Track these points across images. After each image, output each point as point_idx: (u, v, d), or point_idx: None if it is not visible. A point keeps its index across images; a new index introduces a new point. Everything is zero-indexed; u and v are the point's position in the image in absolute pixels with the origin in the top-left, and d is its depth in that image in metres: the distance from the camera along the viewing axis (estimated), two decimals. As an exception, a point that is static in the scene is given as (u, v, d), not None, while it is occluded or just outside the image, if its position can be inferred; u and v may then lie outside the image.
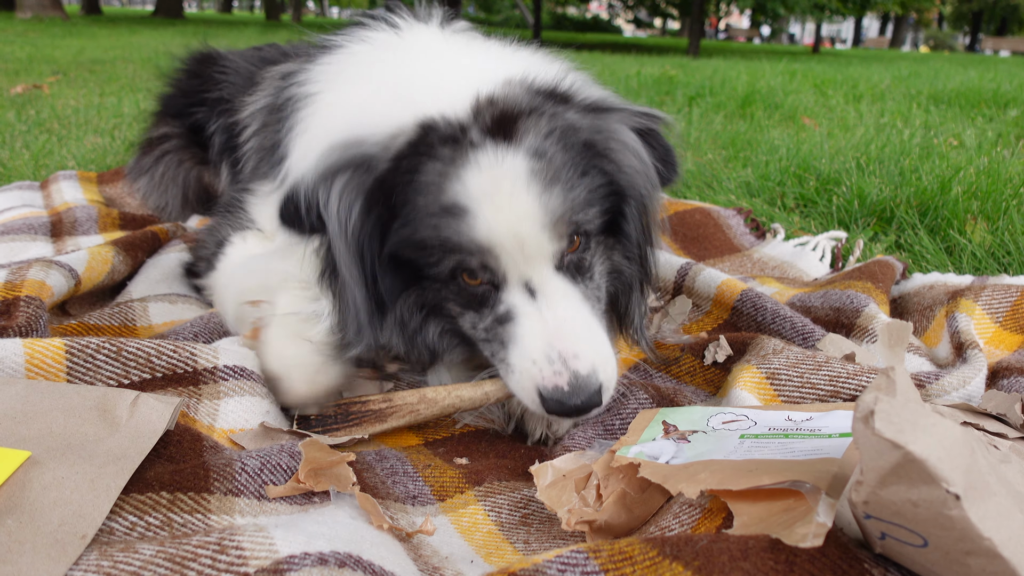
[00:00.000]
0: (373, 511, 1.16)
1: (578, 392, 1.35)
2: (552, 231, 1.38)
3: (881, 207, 2.99)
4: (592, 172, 1.42)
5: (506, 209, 1.35)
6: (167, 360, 1.40)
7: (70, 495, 1.01)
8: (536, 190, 1.35)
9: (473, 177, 1.35)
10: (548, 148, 1.38)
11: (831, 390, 1.46)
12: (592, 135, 1.44)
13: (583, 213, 1.41)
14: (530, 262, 1.40)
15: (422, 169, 1.38)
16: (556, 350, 1.37)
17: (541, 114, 1.42)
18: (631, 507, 1.26)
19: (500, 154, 1.36)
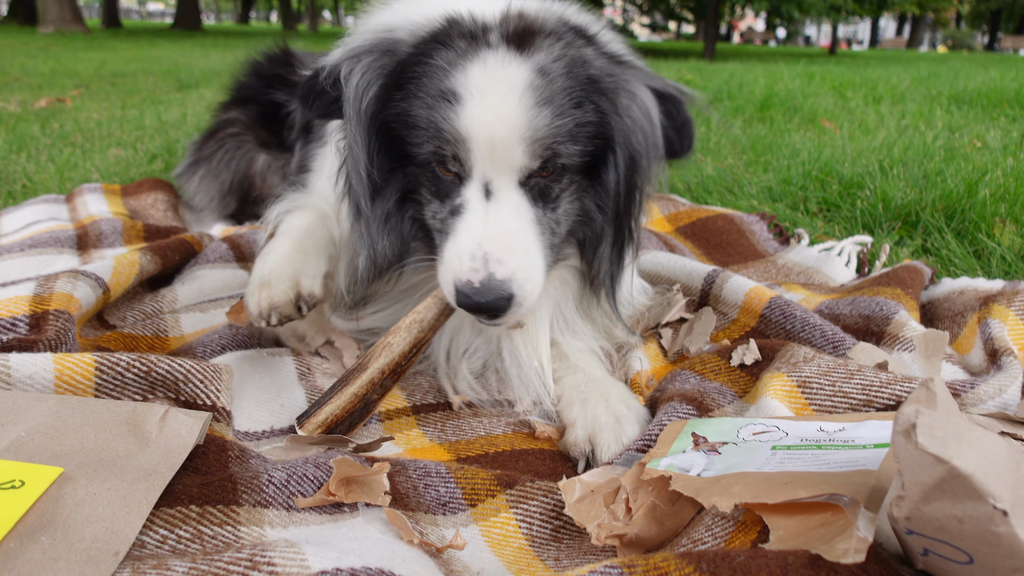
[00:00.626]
0: (403, 526, 1.15)
1: (486, 292, 1.38)
2: (527, 147, 1.43)
3: (906, 211, 2.95)
4: (586, 107, 1.46)
5: (492, 109, 1.40)
6: (193, 388, 1.40)
7: (103, 511, 1.01)
8: (527, 103, 1.41)
9: (476, 71, 1.42)
10: (553, 70, 1.44)
11: (864, 399, 1.44)
12: (602, 75, 1.48)
13: (564, 145, 1.45)
14: (496, 167, 1.44)
15: (436, 55, 1.46)
16: (483, 250, 1.41)
17: (559, 38, 1.48)
18: (661, 520, 1.24)
19: (508, 59, 1.43)
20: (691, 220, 2.78)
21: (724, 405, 1.57)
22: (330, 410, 1.49)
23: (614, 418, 1.50)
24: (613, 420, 1.50)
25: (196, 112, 5.75)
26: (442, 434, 1.59)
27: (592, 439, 1.47)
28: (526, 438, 1.59)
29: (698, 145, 1.66)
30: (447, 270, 1.46)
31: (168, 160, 3.95)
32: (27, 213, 2.80)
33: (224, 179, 2.79)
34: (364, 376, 1.52)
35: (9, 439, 1.13)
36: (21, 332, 1.52)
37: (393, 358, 1.54)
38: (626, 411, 1.54)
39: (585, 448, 1.46)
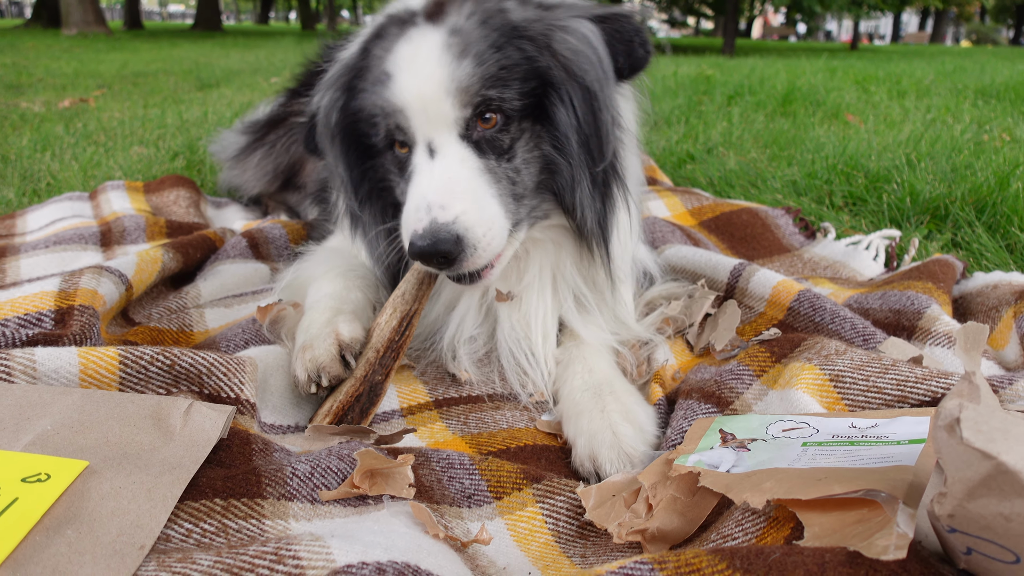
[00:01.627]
0: (428, 520, 1.14)
1: (429, 235, 1.39)
2: (456, 98, 1.47)
3: (934, 204, 2.90)
4: (508, 49, 1.49)
5: (416, 74, 1.48)
6: (216, 382, 1.39)
7: (128, 505, 1.00)
8: (446, 60, 1.46)
9: (402, 48, 1.51)
10: (466, 26, 1.50)
11: (898, 395, 1.40)
12: (526, 22, 1.52)
13: (496, 89, 1.48)
14: (433, 125, 1.49)
15: (374, 50, 1.57)
16: (427, 201, 1.44)
17: (467, 3, 1.54)
18: (683, 512, 1.22)
19: (425, 29, 1.51)
20: (715, 214, 2.74)
21: (743, 392, 1.53)
22: (341, 399, 1.50)
23: (612, 433, 1.45)
24: (611, 436, 1.45)
25: (217, 110, 5.78)
26: (464, 427, 1.58)
27: (593, 459, 1.43)
28: (548, 434, 1.57)
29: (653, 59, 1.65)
30: (404, 230, 1.49)
31: (190, 158, 3.97)
32: (52, 210, 2.82)
33: (281, 161, 2.89)
34: (366, 357, 1.55)
35: (35, 432, 1.12)
36: (47, 327, 1.52)
37: (385, 335, 1.58)
38: (622, 423, 1.48)
39: (589, 467, 1.43)
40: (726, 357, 1.73)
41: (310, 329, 1.58)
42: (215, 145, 3.58)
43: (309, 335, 1.56)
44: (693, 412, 1.51)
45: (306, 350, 1.52)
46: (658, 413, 1.58)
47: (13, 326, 1.50)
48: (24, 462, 1.05)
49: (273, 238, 2.39)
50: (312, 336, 1.55)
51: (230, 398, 1.40)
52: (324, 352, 1.51)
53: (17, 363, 1.29)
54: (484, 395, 1.68)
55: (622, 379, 1.65)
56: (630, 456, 1.42)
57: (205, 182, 3.57)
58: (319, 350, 1.51)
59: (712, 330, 1.81)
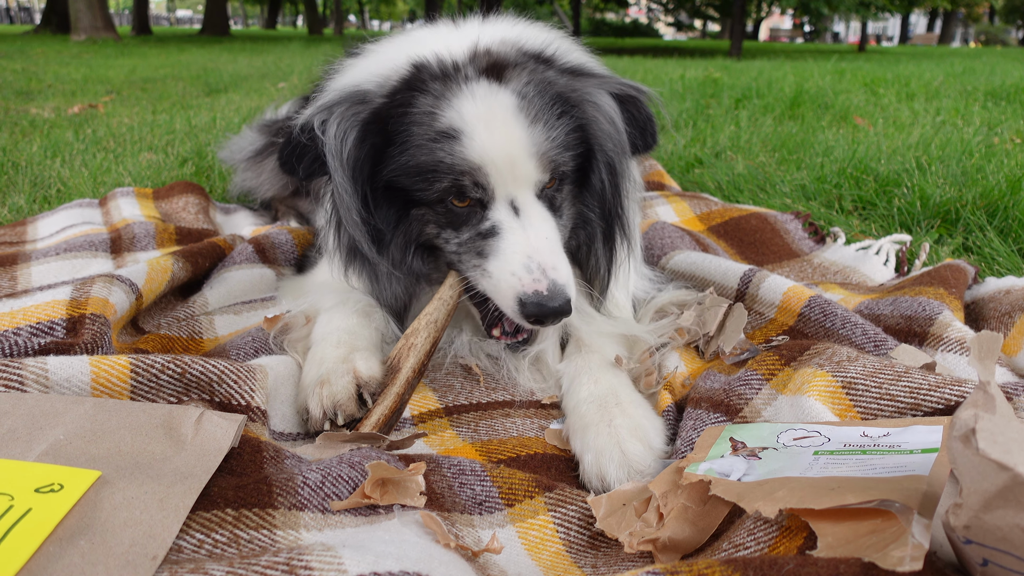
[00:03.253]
0: (438, 530, 1.14)
1: (555, 296, 1.49)
2: (537, 161, 1.56)
3: (945, 208, 2.88)
4: (566, 119, 1.59)
5: (500, 133, 1.53)
6: (227, 390, 1.39)
7: (140, 515, 1.00)
8: (524, 122, 1.54)
9: (468, 105, 1.53)
10: (529, 92, 1.57)
11: (911, 402, 1.39)
12: (567, 91, 1.62)
13: (560, 154, 1.59)
14: (518, 183, 1.57)
15: (415, 103, 1.56)
16: (536, 262, 1.52)
17: (524, 67, 1.61)
18: (694, 520, 1.22)
19: (492, 89, 1.55)
20: (724, 219, 2.73)
21: (752, 398, 1.52)
22: (380, 411, 1.51)
23: (620, 451, 1.44)
24: (620, 454, 1.44)
25: (225, 116, 5.80)
26: (475, 434, 1.58)
27: (602, 479, 1.42)
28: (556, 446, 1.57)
29: (661, 140, 1.85)
30: (503, 287, 1.55)
31: (199, 164, 3.99)
32: (62, 217, 2.83)
33: None
34: (401, 376, 1.57)
35: (48, 442, 1.13)
36: (58, 336, 1.53)
37: (420, 357, 1.61)
38: (631, 440, 1.47)
39: (598, 486, 1.42)
40: (736, 361, 1.72)
41: (324, 363, 1.57)
42: (224, 151, 3.60)
43: (324, 369, 1.55)
44: (702, 422, 1.50)
45: (323, 385, 1.51)
46: (666, 421, 1.57)
47: (25, 335, 1.51)
48: (37, 472, 1.05)
49: (280, 243, 2.40)
50: (328, 371, 1.54)
51: (241, 406, 1.40)
52: (342, 390, 1.50)
53: (30, 372, 1.30)
54: (494, 401, 1.68)
55: (629, 389, 1.64)
56: (640, 475, 1.42)
57: (214, 188, 3.59)
58: (337, 387, 1.51)
59: (720, 333, 1.81)
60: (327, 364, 1.56)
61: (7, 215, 3.04)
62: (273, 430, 1.48)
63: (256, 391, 1.41)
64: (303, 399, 1.53)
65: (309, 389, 1.53)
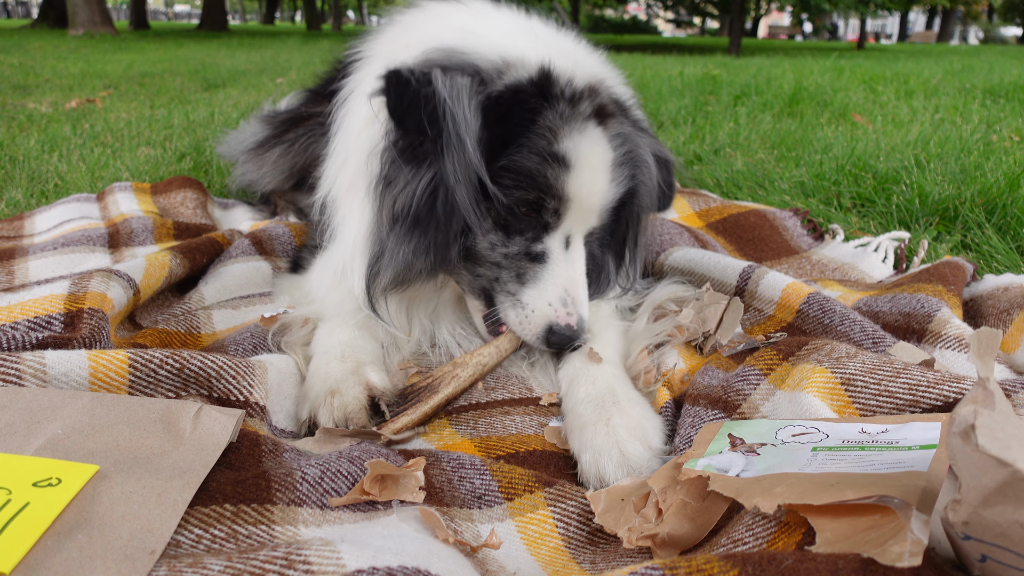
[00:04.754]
0: (437, 525, 1.14)
1: (581, 330, 1.67)
2: (602, 212, 1.72)
3: (943, 206, 2.88)
4: (628, 179, 1.74)
5: (596, 181, 1.66)
6: (225, 385, 1.39)
7: (138, 509, 1.00)
8: (612, 179, 1.70)
9: (584, 144, 1.63)
10: (617, 146, 1.70)
11: (910, 399, 1.39)
12: (633, 149, 1.75)
13: (610, 211, 1.76)
14: (581, 224, 1.71)
15: (543, 114, 1.61)
16: (571, 296, 1.67)
17: (617, 120, 1.73)
18: (693, 517, 1.22)
19: (600, 136, 1.66)
20: (723, 216, 2.73)
21: (750, 393, 1.52)
22: (406, 421, 1.54)
23: (619, 452, 1.44)
24: (617, 453, 1.44)
25: (223, 111, 5.79)
26: (474, 431, 1.58)
27: (599, 476, 1.42)
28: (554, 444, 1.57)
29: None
30: (539, 318, 1.67)
31: (197, 158, 3.98)
32: (60, 212, 2.82)
33: (298, 160, 2.89)
34: (435, 399, 1.62)
35: (46, 436, 1.13)
36: (56, 330, 1.53)
37: (458, 388, 1.68)
38: (629, 440, 1.46)
39: (596, 484, 1.42)
40: (733, 353, 1.72)
41: (331, 376, 1.57)
42: (223, 146, 3.58)
43: (333, 381, 1.55)
44: (700, 419, 1.50)
45: (334, 395, 1.51)
46: (665, 418, 1.57)
47: (23, 329, 1.51)
48: (35, 466, 1.05)
49: (278, 236, 2.39)
50: (338, 382, 1.54)
51: (239, 401, 1.40)
52: (353, 400, 1.51)
53: (28, 366, 1.29)
54: (493, 400, 1.68)
55: (627, 387, 1.64)
56: (639, 474, 1.42)
57: (212, 183, 3.58)
58: (348, 398, 1.51)
59: (717, 327, 1.81)
60: (334, 376, 1.56)
61: (4, 210, 3.04)
62: (274, 426, 1.48)
63: (255, 386, 1.40)
64: (312, 409, 1.52)
65: (320, 399, 1.51)
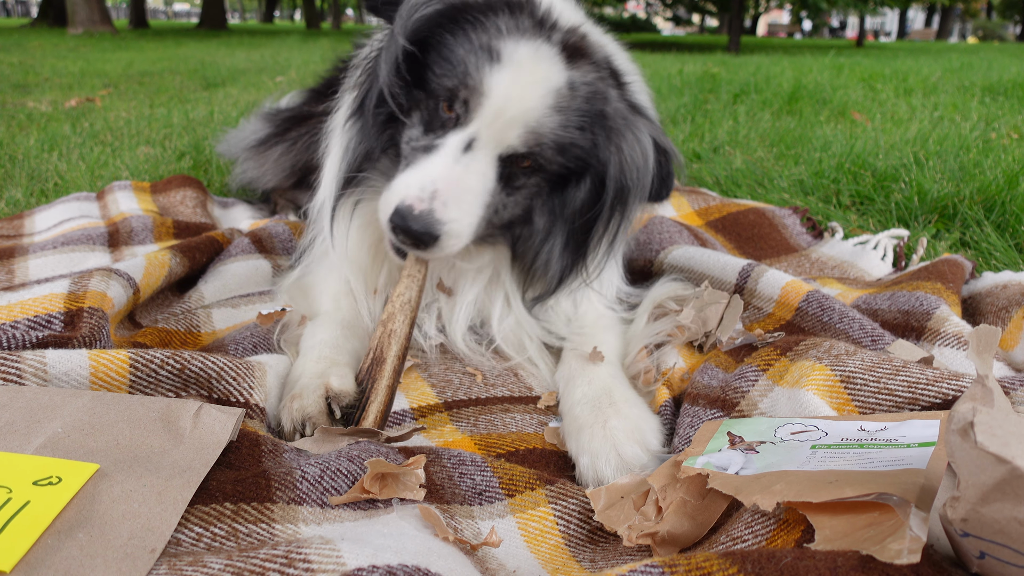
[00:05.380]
0: (437, 523, 1.14)
1: (420, 220, 1.48)
2: (524, 133, 1.55)
3: (943, 203, 2.89)
4: (585, 135, 1.60)
5: (518, 86, 1.52)
6: (225, 386, 1.39)
7: (139, 508, 1.01)
8: (547, 102, 1.54)
9: (526, 50, 1.54)
10: (580, 90, 1.57)
11: (909, 397, 1.40)
12: (615, 115, 1.63)
13: (554, 152, 1.59)
14: (489, 132, 1.54)
15: (500, 17, 1.57)
16: (436, 187, 1.51)
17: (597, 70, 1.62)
18: (693, 515, 1.22)
19: (555, 60, 1.56)
20: (722, 214, 2.73)
21: (748, 391, 1.52)
22: (376, 407, 1.50)
23: (616, 453, 1.44)
24: (615, 456, 1.44)
25: (223, 110, 5.79)
26: (474, 428, 1.58)
27: (597, 480, 1.42)
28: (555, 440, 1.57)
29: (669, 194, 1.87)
30: (394, 194, 1.54)
31: (196, 157, 3.98)
32: (59, 211, 2.83)
33: (300, 158, 2.90)
34: (387, 367, 1.56)
35: (46, 435, 1.13)
36: (56, 329, 1.53)
37: (401, 342, 1.61)
38: (627, 443, 1.46)
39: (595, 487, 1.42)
40: (732, 348, 1.72)
41: (301, 379, 1.55)
42: (223, 144, 3.58)
43: (300, 385, 1.52)
44: (699, 419, 1.50)
45: (294, 399, 1.48)
46: (664, 417, 1.57)
47: (23, 328, 1.51)
48: (35, 465, 1.05)
49: (277, 234, 2.40)
50: (303, 387, 1.52)
51: (239, 402, 1.40)
52: (312, 404, 1.48)
53: (28, 365, 1.29)
54: (493, 397, 1.68)
55: (624, 387, 1.63)
56: (632, 468, 1.42)
57: (212, 182, 3.57)
58: (307, 400, 1.48)
59: (716, 325, 1.81)
60: (303, 380, 1.54)
61: (4, 208, 3.03)
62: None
63: (255, 388, 1.40)
64: (275, 413, 1.51)
65: (283, 403, 1.51)
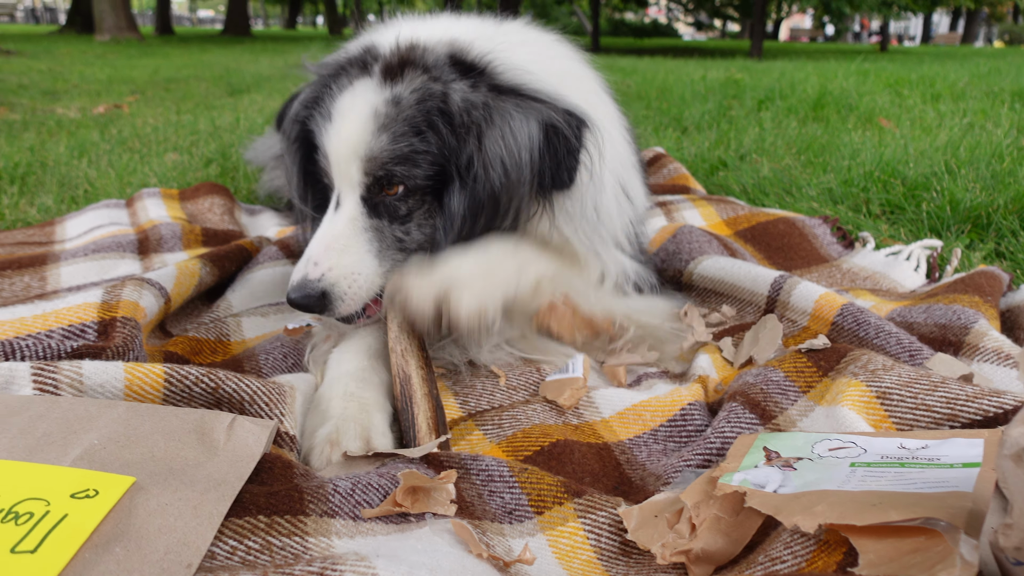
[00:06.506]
0: (470, 539, 1.13)
1: (299, 289, 1.56)
2: (362, 164, 1.60)
3: (975, 213, 2.84)
4: (428, 136, 1.58)
5: (343, 128, 1.61)
6: (257, 411, 1.38)
7: (174, 522, 1.00)
8: (369, 128, 1.59)
9: (346, 97, 1.64)
10: (405, 100, 1.59)
11: (948, 413, 1.37)
12: (464, 110, 1.58)
13: (402, 167, 1.59)
14: (342, 181, 1.64)
15: (336, 81, 1.68)
16: (309, 254, 1.59)
17: (426, 71, 1.62)
18: (727, 532, 1.20)
19: (371, 87, 1.62)
20: (751, 224, 2.71)
21: (787, 408, 1.51)
22: (423, 418, 1.49)
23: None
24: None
25: (248, 117, 5.84)
26: (500, 431, 1.56)
27: None
28: (575, 429, 1.56)
29: (579, 179, 1.69)
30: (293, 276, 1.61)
31: (223, 164, 4.01)
32: (90, 218, 2.86)
33: None
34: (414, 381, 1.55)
35: (83, 447, 1.13)
36: (90, 339, 1.54)
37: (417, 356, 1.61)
38: None
39: None
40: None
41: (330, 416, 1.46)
42: (250, 152, 3.61)
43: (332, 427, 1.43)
44: (737, 417, 1.48)
45: (333, 447, 1.40)
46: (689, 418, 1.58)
47: (58, 337, 1.52)
48: (73, 477, 1.06)
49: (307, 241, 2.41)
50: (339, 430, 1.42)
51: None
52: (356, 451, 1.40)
53: (64, 376, 1.30)
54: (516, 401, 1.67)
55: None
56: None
57: (239, 189, 3.60)
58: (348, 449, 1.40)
59: (753, 344, 1.79)
60: (334, 420, 1.46)
61: (36, 215, 3.08)
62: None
63: (286, 415, 1.39)
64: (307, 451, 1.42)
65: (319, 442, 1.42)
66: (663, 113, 6.08)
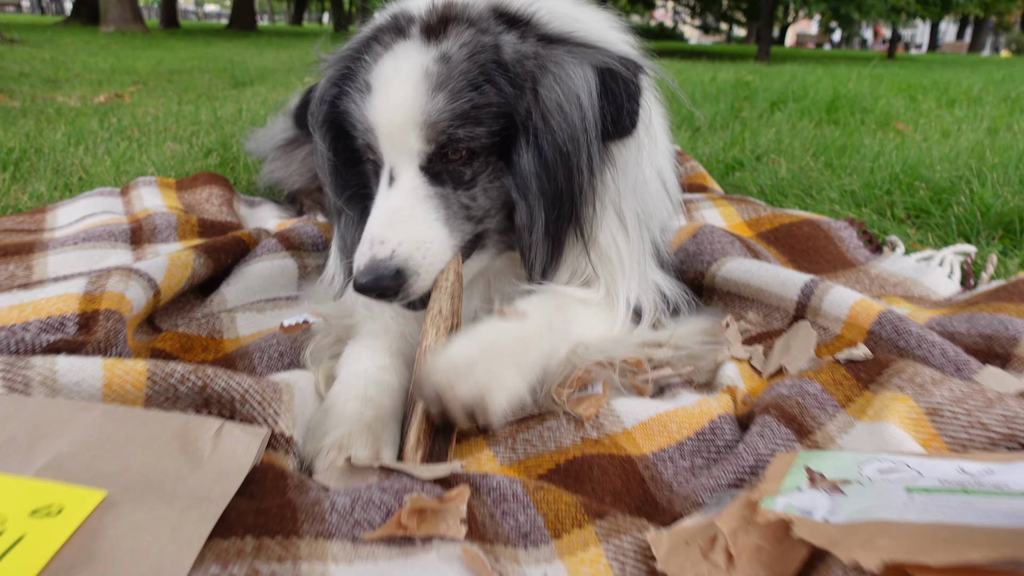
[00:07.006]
0: (482, 568, 1.01)
1: (369, 272, 1.39)
2: (421, 131, 1.45)
3: (1007, 218, 2.71)
4: (486, 89, 1.45)
5: (389, 99, 1.46)
6: (249, 411, 1.25)
7: (149, 545, 0.88)
8: (421, 90, 1.43)
9: (387, 62, 1.48)
10: (456, 56, 1.45)
11: (1006, 433, 1.25)
12: (518, 60, 1.47)
13: (465, 128, 1.45)
14: (397, 152, 1.48)
15: (368, 51, 1.53)
16: (371, 234, 1.43)
17: (472, 25, 1.49)
18: (770, 563, 1.08)
19: (414, 48, 1.47)
20: (773, 225, 2.58)
21: (826, 423, 1.38)
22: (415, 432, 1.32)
23: None
24: None
25: (251, 108, 5.72)
26: (513, 453, 1.44)
27: None
28: (594, 443, 1.43)
29: (642, 124, 1.56)
30: (355, 265, 1.46)
31: (223, 155, 3.89)
32: (82, 206, 2.74)
33: None
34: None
35: (50, 454, 1.01)
36: (69, 332, 1.42)
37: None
38: None
39: None
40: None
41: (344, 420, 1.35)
42: (252, 142, 3.49)
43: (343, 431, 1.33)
44: (771, 432, 1.36)
45: (341, 451, 1.29)
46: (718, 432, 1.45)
47: (34, 330, 1.40)
48: (35, 490, 0.93)
49: (307, 234, 2.28)
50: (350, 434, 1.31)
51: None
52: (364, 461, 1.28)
53: (37, 373, 1.18)
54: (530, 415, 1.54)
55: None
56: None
57: (239, 180, 3.48)
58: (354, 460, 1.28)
59: (784, 352, 1.66)
60: (347, 423, 1.34)
61: (27, 202, 2.96)
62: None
63: (281, 414, 1.26)
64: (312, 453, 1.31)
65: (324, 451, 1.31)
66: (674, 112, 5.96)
